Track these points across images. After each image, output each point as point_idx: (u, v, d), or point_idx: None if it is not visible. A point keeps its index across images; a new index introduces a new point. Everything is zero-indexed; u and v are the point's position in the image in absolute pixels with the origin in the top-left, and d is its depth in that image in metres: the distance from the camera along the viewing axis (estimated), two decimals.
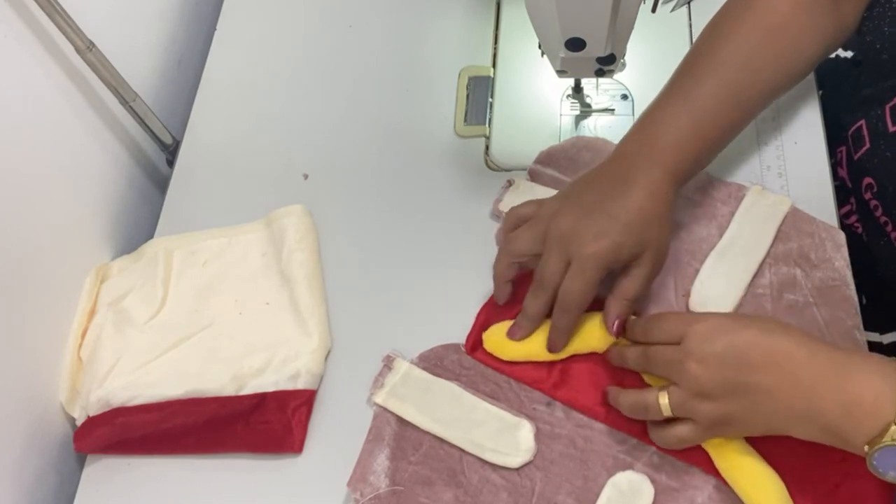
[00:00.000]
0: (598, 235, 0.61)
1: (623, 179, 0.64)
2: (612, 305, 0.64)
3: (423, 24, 0.90)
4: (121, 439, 0.69)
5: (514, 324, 0.67)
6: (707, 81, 0.66)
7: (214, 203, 0.82)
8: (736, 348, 0.56)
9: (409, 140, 0.83)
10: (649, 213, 0.62)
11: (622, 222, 0.61)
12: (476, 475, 0.64)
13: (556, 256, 0.62)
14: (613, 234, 0.61)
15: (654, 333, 0.61)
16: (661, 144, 0.65)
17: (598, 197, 0.63)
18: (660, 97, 0.68)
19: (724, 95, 0.66)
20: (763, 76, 0.68)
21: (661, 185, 0.63)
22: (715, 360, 0.57)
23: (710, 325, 0.58)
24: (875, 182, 0.70)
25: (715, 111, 0.66)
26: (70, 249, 0.77)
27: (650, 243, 0.63)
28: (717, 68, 0.67)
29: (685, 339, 0.58)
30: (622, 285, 0.63)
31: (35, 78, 0.74)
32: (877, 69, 0.71)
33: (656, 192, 0.63)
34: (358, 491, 0.64)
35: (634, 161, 0.65)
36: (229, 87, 0.90)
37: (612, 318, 0.64)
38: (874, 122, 0.70)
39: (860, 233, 0.75)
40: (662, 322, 0.61)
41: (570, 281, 0.62)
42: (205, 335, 0.73)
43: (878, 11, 0.69)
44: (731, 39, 0.68)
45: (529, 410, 0.66)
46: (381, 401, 0.67)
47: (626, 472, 0.63)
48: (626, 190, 0.63)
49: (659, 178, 0.63)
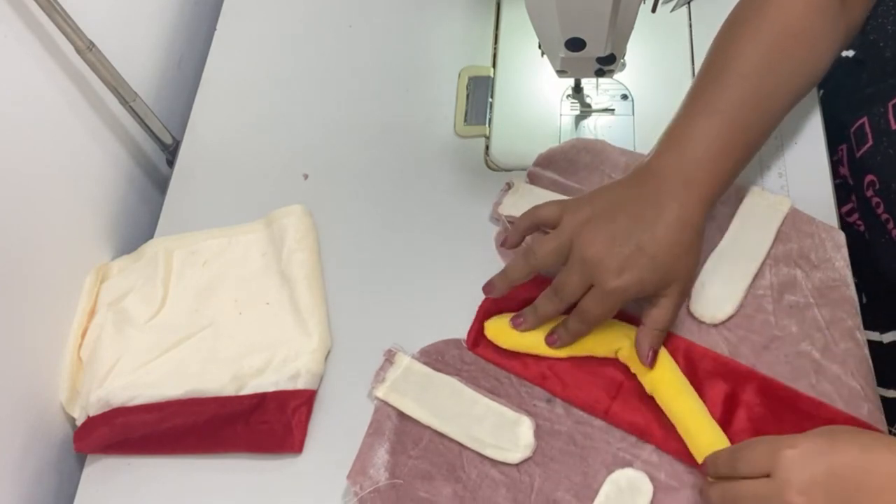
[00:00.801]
0: (624, 270, 0.60)
1: (655, 203, 0.62)
2: (644, 336, 0.63)
3: (423, 24, 0.90)
4: (121, 439, 0.69)
5: (521, 314, 0.67)
6: (732, 93, 0.65)
7: (214, 203, 0.82)
8: (839, 474, 0.51)
9: (409, 140, 0.83)
10: (679, 244, 0.62)
11: (649, 255, 0.61)
12: (475, 470, 0.64)
13: (579, 277, 0.62)
14: (639, 269, 0.60)
15: (742, 467, 0.55)
16: (693, 165, 0.63)
17: (627, 222, 0.62)
18: (686, 109, 0.67)
19: (750, 107, 0.66)
20: (785, 83, 0.68)
21: (694, 212, 0.62)
22: (819, 490, 0.51)
23: (804, 450, 0.53)
24: (877, 179, 0.70)
25: (743, 124, 0.65)
26: (70, 249, 0.77)
27: (677, 276, 0.62)
28: (740, 79, 0.66)
29: (776, 468, 0.53)
30: (652, 315, 0.63)
31: (35, 78, 0.74)
32: (880, 67, 0.71)
33: (688, 220, 0.62)
34: (357, 484, 0.64)
35: (667, 182, 0.63)
36: (229, 87, 0.90)
37: (646, 350, 0.63)
38: (877, 120, 0.70)
39: (862, 231, 0.75)
40: (747, 451, 0.56)
41: (590, 304, 0.62)
42: (205, 335, 0.73)
43: (881, 9, 0.69)
44: (751, 47, 0.67)
45: (529, 406, 0.67)
46: (381, 395, 0.67)
47: (625, 470, 0.63)
48: (658, 217, 0.62)
49: (692, 204, 0.62)
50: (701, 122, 0.65)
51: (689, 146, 0.64)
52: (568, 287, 0.63)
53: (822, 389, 0.64)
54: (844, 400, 0.63)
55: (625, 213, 0.63)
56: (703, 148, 0.64)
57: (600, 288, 0.61)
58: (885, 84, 0.70)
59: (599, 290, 0.61)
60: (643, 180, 0.65)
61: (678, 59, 0.83)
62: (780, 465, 0.53)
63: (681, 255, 0.62)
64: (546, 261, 0.64)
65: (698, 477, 0.62)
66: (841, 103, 0.76)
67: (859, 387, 0.64)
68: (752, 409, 0.64)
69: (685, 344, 0.67)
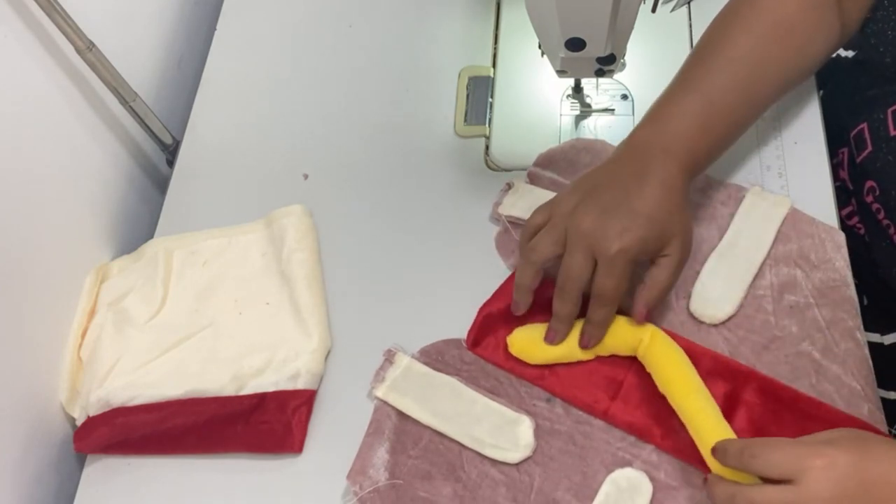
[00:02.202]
0: (623, 232, 0.61)
1: (638, 173, 0.63)
2: (640, 294, 0.64)
3: (423, 24, 0.90)
4: (121, 439, 0.69)
5: (549, 329, 0.66)
6: (718, 77, 0.66)
7: (214, 203, 0.82)
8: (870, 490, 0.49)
9: (409, 140, 0.83)
10: (668, 204, 0.62)
11: (644, 215, 0.61)
12: (475, 470, 0.64)
13: (581, 255, 0.62)
14: (637, 228, 0.61)
15: (758, 464, 0.52)
16: (673, 137, 0.65)
17: (615, 193, 0.63)
18: (670, 90, 0.68)
19: (734, 91, 0.66)
20: (772, 73, 0.68)
21: (676, 177, 0.63)
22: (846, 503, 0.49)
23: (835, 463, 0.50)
24: (877, 185, 0.70)
25: (725, 106, 0.66)
26: (70, 249, 0.77)
27: (675, 232, 0.63)
28: (727, 64, 0.67)
29: (803, 480, 0.50)
30: (653, 275, 0.63)
31: (35, 78, 0.74)
32: (880, 72, 0.71)
33: (672, 184, 0.63)
34: (357, 484, 0.64)
35: (648, 153, 0.64)
36: (229, 87, 0.90)
37: (640, 306, 0.63)
38: (876, 126, 0.70)
39: (862, 234, 0.75)
40: (767, 451, 0.52)
41: (602, 279, 0.62)
42: (205, 335, 0.73)
43: (881, 14, 0.69)
44: (741, 35, 0.68)
45: (529, 406, 0.67)
46: (381, 394, 0.68)
47: (624, 469, 0.63)
48: (643, 184, 0.62)
49: (674, 170, 0.63)
50: (682, 99, 0.66)
51: (668, 121, 0.66)
52: (574, 269, 0.62)
53: (822, 389, 0.64)
54: (845, 400, 0.63)
55: (610, 190, 0.63)
56: (683, 123, 0.65)
57: (605, 258, 0.61)
58: (884, 90, 0.70)
59: (605, 261, 0.61)
60: (623, 156, 0.66)
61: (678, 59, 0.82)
62: (807, 477, 0.50)
63: (673, 212, 0.63)
64: (545, 252, 0.64)
65: (698, 476, 0.62)
66: (841, 106, 0.76)
67: (859, 387, 0.64)
68: (752, 409, 0.64)
69: (685, 344, 0.67)
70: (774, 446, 0.53)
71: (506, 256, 0.74)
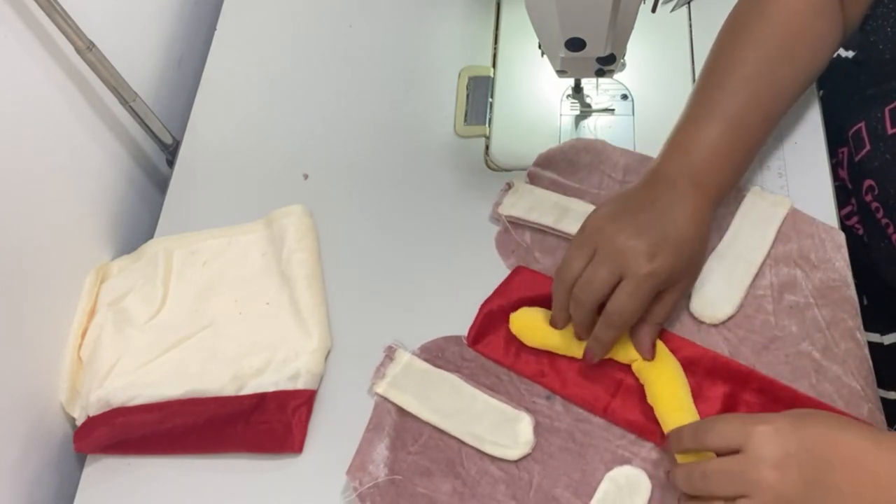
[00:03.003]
0: (654, 255, 0.60)
1: (669, 202, 0.64)
2: (643, 331, 0.64)
3: (423, 24, 0.91)
4: (121, 439, 0.69)
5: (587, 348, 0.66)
6: (736, 98, 0.67)
7: (214, 203, 0.82)
8: (809, 448, 0.52)
9: (409, 140, 0.83)
10: (697, 238, 0.63)
11: (676, 244, 0.61)
12: (475, 467, 0.65)
13: (608, 270, 0.61)
14: (669, 255, 0.61)
15: (708, 439, 0.55)
16: (700, 168, 0.65)
17: (649, 215, 0.63)
18: (690, 115, 0.68)
19: (753, 111, 0.67)
20: (787, 85, 0.69)
21: (703, 209, 0.64)
22: (791, 462, 0.52)
23: (776, 427, 0.53)
24: (876, 184, 0.70)
25: (746, 128, 0.67)
26: (70, 249, 0.77)
27: (693, 266, 0.64)
28: (744, 84, 0.67)
29: (748, 444, 0.53)
30: (653, 311, 0.64)
31: (35, 78, 0.74)
32: (879, 70, 0.71)
33: (702, 219, 0.64)
34: (357, 480, 0.64)
35: (678, 186, 0.64)
36: (229, 87, 0.90)
37: (648, 345, 0.64)
38: (873, 125, 0.70)
39: (861, 234, 0.75)
40: (716, 425, 0.55)
41: (623, 297, 0.61)
42: (205, 335, 0.73)
43: (881, 11, 0.69)
44: (753, 52, 0.68)
45: (529, 403, 0.67)
46: (381, 391, 0.68)
47: (623, 467, 0.63)
48: (675, 212, 0.63)
49: (701, 203, 0.64)
50: (706, 126, 0.66)
51: (695, 150, 0.66)
52: (596, 281, 0.61)
53: (822, 389, 0.64)
54: (844, 400, 0.63)
55: (644, 211, 0.63)
56: (709, 151, 0.65)
57: (634, 278, 0.60)
58: (883, 88, 0.70)
59: (633, 281, 0.60)
60: (653, 185, 0.66)
61: (678, 59, 0.83)
62: (752, 441, 0.53)
63: (697, 250, 0.64)
64: (577, 268, 0.63)
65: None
66: (840, 105, 0.76)
67: (859, 387, 0.64)
68: (752, 408, 0.64)
69: (685, 344, 0.67)
70: (722, 420, 0.56)
71: (505, 256, 0.74)
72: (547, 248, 0.74)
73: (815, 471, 0.52)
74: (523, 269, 0.72)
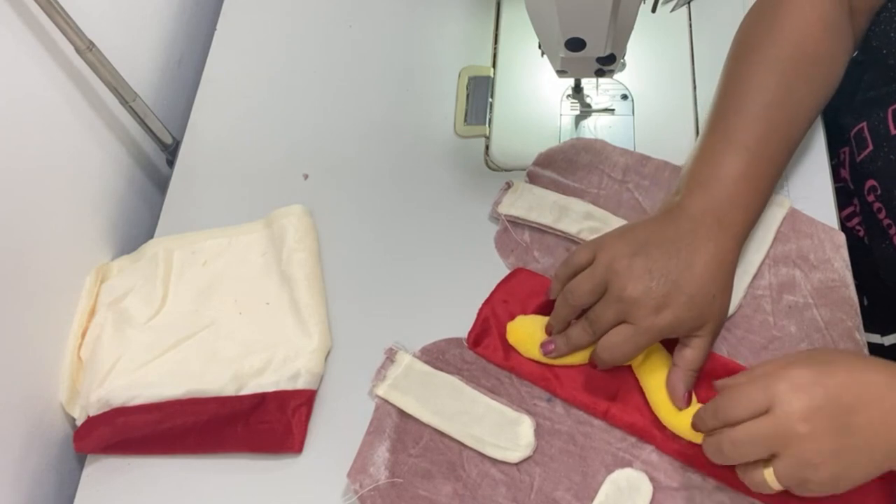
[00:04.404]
0: (661, 308, 0.60)
1: (690, 242, 0.62)
2: (678, 379, 0.63)
3: (423, 24, 0.91)
4: (121, 439, 0.69)
5: (552, 341, 0.66)
6: (756, 127, 0.65)
7: (214, 203, 0.82)
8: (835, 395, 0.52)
9: (409, 140, 0.83)
10: (714, 285, 0.62)
11: (687, 294, 0.61)
12: (475, 469, 0.65)
13: (614, 314, 0.62)
14: (676, 307, 0.60)
15: (733, 412, 0.55)
16: (726, 204, 0.64)
17: (663, 258, 0.62)
18: (710, 144, 0.66)
19: (774, 140, 0.66)
20: (805, 107, 0.68)
21: (729, 252, 0.63)
22: (820, 414, 0.52)
23: (798, 380, 0.53)
24: (878, 185, 0.70)
25: (768, 157, 0.66)
26: (70, 249, 0.77)
27: (711, 316, 0.62)
28: (763, 112, 0.66)
29: (774, 403, 0.53)
30: (685, 357, 0.63)
31: (35, 78, 0.74)
32: (881, 72, 0.71)
33: (724, 260, 0.63)
34: (357, 482, 0.64)
35: (701, 223, 0.63)
36: (229, 87, 0.90)
37: (681, 392, 0.63)
38: (876, 125, 0.70)
39: (861, 235, 0.75)
40: (736, 394, 0.55)
41: (618, 339, 0.62)
42: (205, 335, 0.73)
43: (884, 16, 0.69)
44: (769, 74, 0.67)
45: (530, 406, 0.67)
46: (382, 393, 0.68)
47: (624, 470, 0.63)
48: (694, 255, 0.62)
49: (727, 245, 0.63)
50: (728, 159, 0.65)
51: (718, 185, 0.64)
52: (603, 321, 0.63)
53: None
54: None
55: (660, 250, 0.62)
56: (733, 186, 0.64)
57: (635, 328, 0.61)
58: (886, 90, 0.70)
59: (633, 329, 0.61)
60: (676, 219, 0.64)
61: (678, 59, 0.83)
62: (778, 399, 0.53)
63: (716, 296, 0.62)
64: (584, 300, 0.64)
65: (698, 477, 0.62)
66: (842, 106, 0.76)
67: None
68: None
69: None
70: (739, 390, 0.55)
71: (505, 256, 0.74)
72: (546, 248, 0.74)
73: (843, 416, 0.52)
74: (522, 270, 0.72)
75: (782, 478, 0.53)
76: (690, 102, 0.80)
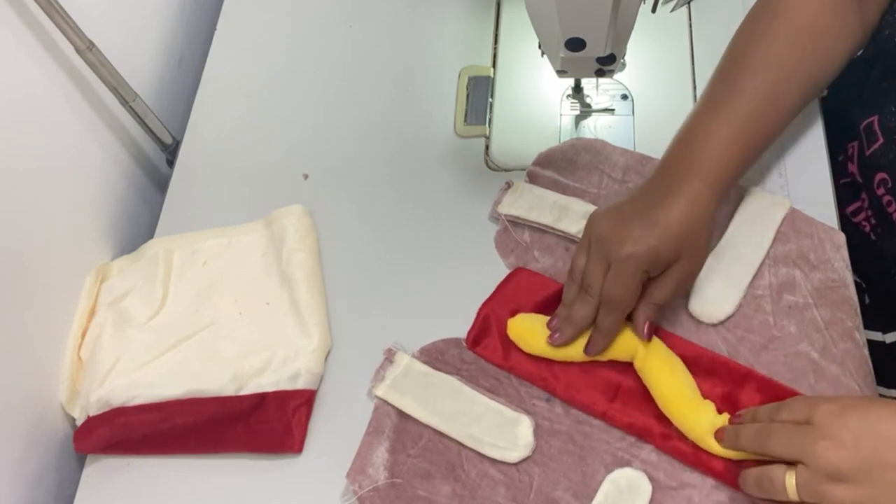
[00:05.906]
0: (637, 239, 0.61)
1: (664, 190, 0.64)
2: (639, 310, 0.64)
3: (423, 24, 0.91)
4: (121, 439, 0.69)
5: (556, 329, 0.67)
6: (743, 89, 0.66)
7: (214, 203, 0.82)
8: (871, 426, 0.53)
9: (409, 140, 0.83)
10: (689, 221, 0.63)
11: (661, 226, 0.62)
12: (474, 469, 0.65)
13: (596, 260, 0.63)
14: (651, 238, 0.61)
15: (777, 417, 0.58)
16: (701, 156, 0.65)
17: (638, 206, 0.64)
18: (698, 107, 0.68)
19: (760, 102, 0.67)
20: (796, 79, 0.68)
21: (702, 196, 0.64)
22: (850, 438, 0.53)
23: (840, 405, 0.55)
24: (889, 177, 0.70)
25: (753, 118, 0.66)
26: (70, 249, 0.77)
27: (687, 251, 0.63)
28: (751, 76, 0.67)
29: (814, 417, 0.55)
30: (650, 290, 0.64)
31: (35, 78, 0.74)
32: (893, 64, 0.71)
33: (697, 202, 0.63)
34: (356, 483, 0.64)
35: (676, 173, 0.65)
36: (229, 87, 0.90)
37: (642, 322, 0.64)
38: (888, 118, 0.70)
39: (867, 231, 0.75)
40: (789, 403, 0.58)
41: (609, 283, 0.63)
42: (205, 335, 0.73)
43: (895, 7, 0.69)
44: (763, 44, 0.68)
45: (529, 406, 0.67)
46: (381, 393, 0.68)
47: (624, 469, 0.63)
48: (667, 199, 0.63)
49: (700, 189, 0.64)
50: (711, 118, 0.66)
51: (698, 142, 0.66)
52: (591, 275, 0.64)
53: (820, 390, 0.64)
54: None
55: (636, 201, 0.65)
56: (713, 143, 0.65)
57: (616, 262, 0.62)
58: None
59: (616, 265, 0.62)
60: (655, 175, 0.67)
61: (678, 59, 0.83)
62: (817, 414, 0.55)
63: (693, 231, 0.63)
64: (582, 265, 0.65)
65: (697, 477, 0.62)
66: (851, 99, 0.76)
67: (858, 387, 0.64)
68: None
69: (684, 343, 0.67)
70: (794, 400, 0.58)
71: (505, 256, 0.74)
72: (546, 248, 0.74)
73: (875, 448, 0.53)
74: (522, 270, 0.72)
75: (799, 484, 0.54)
76: (690, 102, 0.80)
